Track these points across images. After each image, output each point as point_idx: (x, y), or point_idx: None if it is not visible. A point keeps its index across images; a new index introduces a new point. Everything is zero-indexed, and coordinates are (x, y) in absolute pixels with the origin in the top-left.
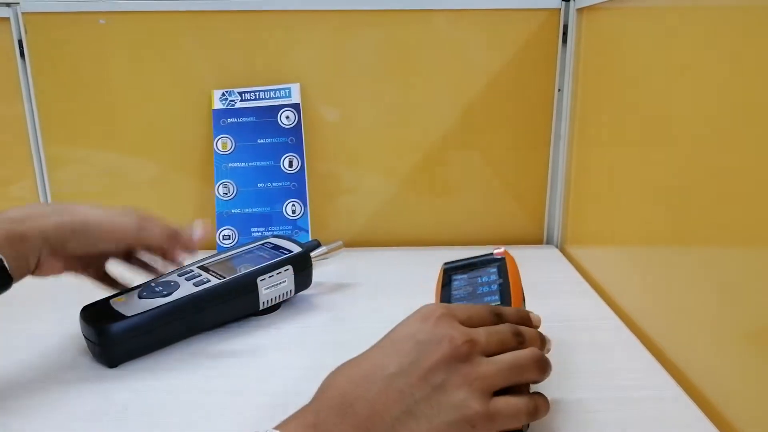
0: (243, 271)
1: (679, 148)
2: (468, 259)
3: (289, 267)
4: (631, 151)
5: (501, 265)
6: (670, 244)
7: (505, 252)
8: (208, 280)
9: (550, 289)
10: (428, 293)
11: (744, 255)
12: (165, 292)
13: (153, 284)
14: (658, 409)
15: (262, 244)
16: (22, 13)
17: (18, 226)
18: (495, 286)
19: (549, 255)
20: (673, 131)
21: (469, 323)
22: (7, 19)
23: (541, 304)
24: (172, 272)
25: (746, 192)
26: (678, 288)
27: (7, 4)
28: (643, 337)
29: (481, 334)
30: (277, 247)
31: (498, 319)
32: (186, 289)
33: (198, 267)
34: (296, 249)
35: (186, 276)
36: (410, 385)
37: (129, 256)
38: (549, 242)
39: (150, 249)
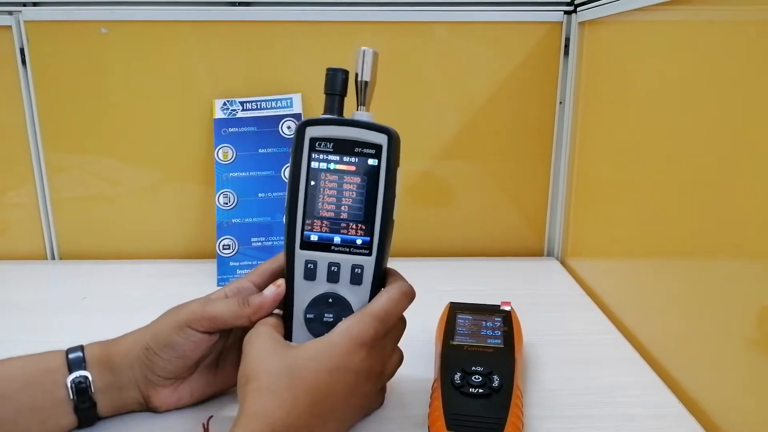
0: (373, 223)
1: (680, 161)
2: (475, 304)
3: (398, 171)
4: (632, 163)
5: (507, 316)
6: (671, 257)
7: (512, 307)
8: (360, 267)
9: (550, 302)
10: (425, 305)
11: (746, 268)
12: (333, 318)
13: (311, 317)
14: (658, 427)
15: (314, 150)
16: (24, 22)
17: (111, 352)
18: (499, 332)
19: (549, 267)
20: (673, 144)
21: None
22: (9, 27)
23: (541, 318)
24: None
25: (747, 205)
26: (679, 302)
27: (9, 13)
28: (644, 352)
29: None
30: (341, 146)
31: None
32: (353, 294)
33: (309, 264)
34: (357, 133)
35: (327, 278)
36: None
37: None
38: (549, 254)
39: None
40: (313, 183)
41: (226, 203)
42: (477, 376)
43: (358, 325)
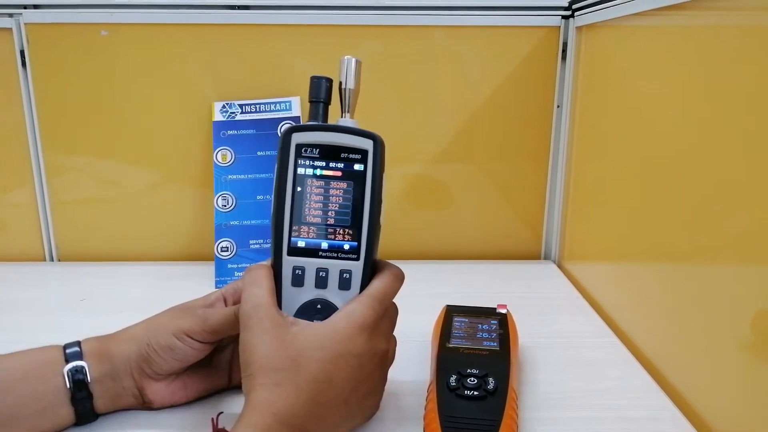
0: (360, 227)
1: (676, 165)
2: (471, 306)
3: (383, 176)
4: (628, 167)
5: (503, 319)
6: (668, 261)
7: (508, 310)
8: (348, 273)
9: (547, 305)
10: (423, 308)
11: (741, 273)
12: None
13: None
14: (653, 430)
15: (300, 156)
16: (25, 24)
17: (107, 343)
18: (495, 335)
19: (546, 271)
20: (670, 148)
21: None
22: (10, 29)
23: (537, 321)
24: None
25: (744, 209)
26: (676, 306)
27: (10, 15)
28: (640, 355)
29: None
30: (327, 152)
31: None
32: (341, 299)
33: (299, 262)
34: (343, 139)
35: (315, 283)
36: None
37: None
38: (547, 257)
39: None
40: (299, 189)
41: (225, 205)
42: (472, 378)
43: (360, 308)
